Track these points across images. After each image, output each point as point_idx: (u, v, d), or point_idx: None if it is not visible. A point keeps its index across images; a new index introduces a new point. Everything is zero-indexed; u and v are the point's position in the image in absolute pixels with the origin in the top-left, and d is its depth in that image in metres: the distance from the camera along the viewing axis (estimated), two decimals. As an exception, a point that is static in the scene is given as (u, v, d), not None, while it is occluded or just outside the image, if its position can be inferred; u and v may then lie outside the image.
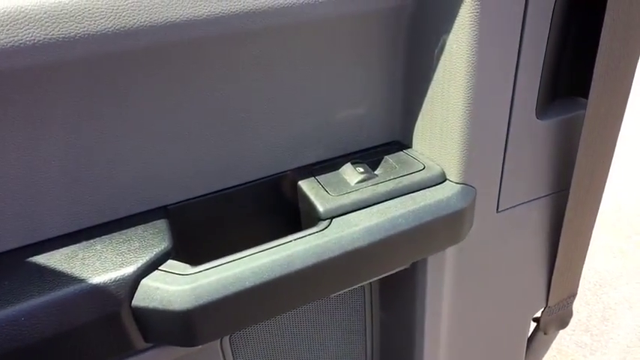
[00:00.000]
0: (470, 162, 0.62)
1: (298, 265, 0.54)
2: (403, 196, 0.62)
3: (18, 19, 0.43)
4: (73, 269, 0.52)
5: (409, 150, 0.69)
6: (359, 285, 0.66)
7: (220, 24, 0.50)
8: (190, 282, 0.51)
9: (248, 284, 0.52)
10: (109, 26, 0.46)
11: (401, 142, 0.70)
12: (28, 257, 0.53)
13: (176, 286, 0.51)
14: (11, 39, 0.43)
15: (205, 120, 0.56)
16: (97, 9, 0.46)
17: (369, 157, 0.67)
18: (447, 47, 0.57)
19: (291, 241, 0.56)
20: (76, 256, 0.53)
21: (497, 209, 0.69)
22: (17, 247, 0.54)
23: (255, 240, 0.57)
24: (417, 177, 0.63)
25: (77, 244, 0.55)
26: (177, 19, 0.48)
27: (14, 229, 0.53)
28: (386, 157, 0.67)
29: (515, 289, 0.81)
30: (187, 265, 0.53)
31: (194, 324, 0.52)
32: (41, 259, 0.53)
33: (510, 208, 0.70)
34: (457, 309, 0.76)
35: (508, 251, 0.75)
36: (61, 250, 0.54)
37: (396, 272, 0.68)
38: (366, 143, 0.69)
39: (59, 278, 0.51)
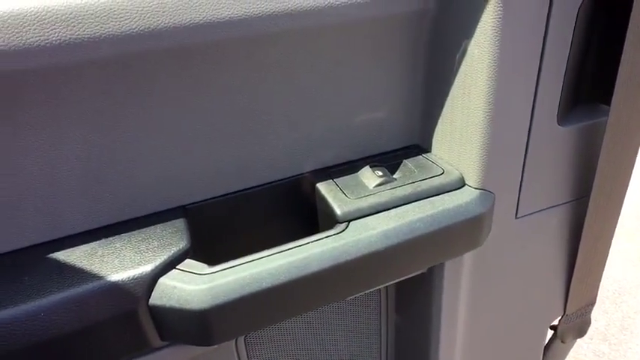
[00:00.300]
0: (489, 167, 0.61)
1: (315, 267, 0.54)
2: (421, 201, 0.61)
3: (45, 19, 0.44)
4: (92, 266, 0.52)
5: (428, 154, 0.68)
6: (375, 288, 0.65)
7: (242, 26, 0.51)
8: (207, 282, 0.52)
9: (265, 285, 0.52)
10: (134, 27, 0.47)
11: (420, 146, 0.70)
12: (49, 253, 0.54)
13: (193, 286, 0.51)
14: (38, 38, 0.44)
15: (225, 121, 0.57)
16: (123, 9, 0.46)
17: (388, 161, 0.67)
18: (469, 51, 0.56)
19: (308, 243, 0.56)
20: (96, 253, 0.54)
21: (516, 215, 0.68)
22: (38, 243, 0.55)
23: (272, 241, 0.57)
24: (435, 181, 0.63)
25: (97, 242, 0.55)
26: (201, 21, 0.49)
27: (35, 225, 0.54)
28: (405, 160, 0.67)
29: (532, 296, 0.80)
30: (205, 265, 0.54)
31: (210, 323, 0.52)
32: (61, 255, 0.54)
33: (529, 214, 0.69)
34: (473, 314, 0.76)
35: (526, 258, 0.74)
36: (80, 247, 0.55)
37: (413, 276, 0.68)
38: (386, 146, 0.68)
39: (78, 275, 0.51)
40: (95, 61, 0.47)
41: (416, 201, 0.61)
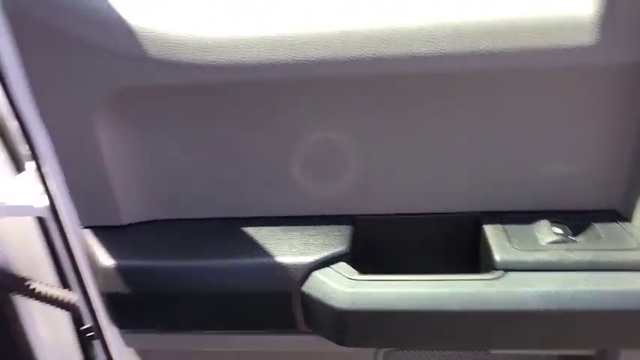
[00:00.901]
0: None
1: (456, 306, 0.53)
2: (601, 272, 0.54)
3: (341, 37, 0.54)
4: (269, 245, 0.62)
5: (626, 223, 0.59)
6: (528, 353, 0.60)
7: (456, 62, 0.53)
8: (352, 286, 0.56)
9: (401, 307, 0.54)
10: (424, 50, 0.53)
11: (619, 213, 0.61)
12: (243, 226, 0.66)
13: (339, 286, 0.56)
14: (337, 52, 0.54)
15: (408, 148, 0.60)
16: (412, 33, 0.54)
17: (574, 220, 0.61)
18: None
19: (456, 280, 0.55)
20: (275, 235, 0.64)
21: None
22: (238, 217, 0.67)
23: (424, 268, 0.58)
24: (626, 255, 0.55)
25: (279, 227, 0.65)
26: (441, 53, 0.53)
27: (248, 201, 0.66)
28: (594, 224, 0.60)
29: None
30: (355, 272, 0.58)
31: (345, 325, 0.56)
32: (251, 230, 0.65)
33: None
34: None
35: None
36: (266, 227, 0.65)
37: (579, 355, 0.60)
38: (576, 205, 0.62)
39: (256, 249, 0.62)
40: (381, 77, 0.55)
41: (594, 271, 0.55)
